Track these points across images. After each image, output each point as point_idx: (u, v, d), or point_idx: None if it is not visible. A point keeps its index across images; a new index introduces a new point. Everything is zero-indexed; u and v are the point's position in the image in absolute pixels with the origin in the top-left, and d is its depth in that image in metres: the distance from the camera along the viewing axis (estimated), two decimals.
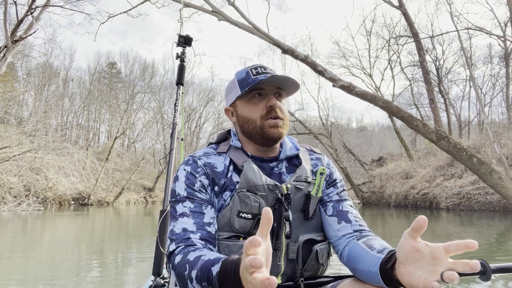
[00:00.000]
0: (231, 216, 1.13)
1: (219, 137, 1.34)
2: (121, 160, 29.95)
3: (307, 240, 1.19)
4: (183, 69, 2.82)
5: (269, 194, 1.15)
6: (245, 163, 1.19)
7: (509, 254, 6.29)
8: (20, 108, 27.72)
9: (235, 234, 1.13)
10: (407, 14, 13.79)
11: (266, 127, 1.18)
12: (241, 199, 1.13)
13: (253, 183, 1.15)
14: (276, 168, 1.25)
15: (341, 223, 1.20)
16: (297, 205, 1.19)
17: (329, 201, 1.25)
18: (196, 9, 13.85)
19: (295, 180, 1.20)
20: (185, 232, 1.08)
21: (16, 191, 17.86)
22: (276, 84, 1.21)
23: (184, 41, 2.86)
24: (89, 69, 41.15)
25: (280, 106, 1.20)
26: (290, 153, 1.27)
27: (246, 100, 1.22)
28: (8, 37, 16.09)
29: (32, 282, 4.23)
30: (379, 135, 54.55)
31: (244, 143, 1.26)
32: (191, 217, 1.10)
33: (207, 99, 43.37)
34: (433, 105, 13.20)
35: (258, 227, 1.01)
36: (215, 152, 1.25)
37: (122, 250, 6.93)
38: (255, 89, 1.20)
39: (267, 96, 1.20)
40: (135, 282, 4.26)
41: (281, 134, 1.20)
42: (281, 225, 1.15)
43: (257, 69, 1.22)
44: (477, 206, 15.96)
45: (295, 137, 1.38)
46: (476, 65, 28.87)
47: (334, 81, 13.01)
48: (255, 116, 1.20)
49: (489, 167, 12.12)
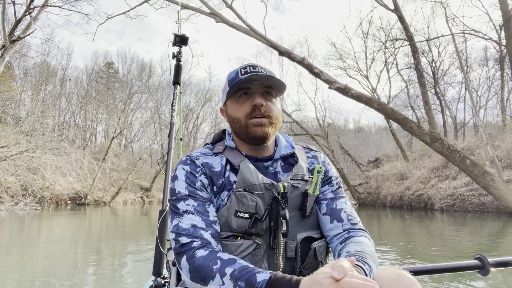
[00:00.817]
0: (228, 215, 1.13)
1: (215, 138, 1.34)
2: (118, 160, 29.99)
3: (305, 238, 1.19)
4: (179, 69, 2.81)
5: (265, 193, 1.15)
6: (241, 162, 1.19)
7: (503, 252, 6.41)
8: (17, 108, 27.70)
9: (232, 234, 1.13)
10: (402, 18, 13.96)
11: (250, 125, 1.19)
12: (238, 198, 1.13)
13: (250, 182, 1.15)
14: (271, 167, 1.25)
15: (333, 222, 1.20)
16: (294, 203, 1.19)
17: (323, 199, 1.25)
18: (194, 11, 13.96)
19: (291, 179, 1.20)
20: (195, 228, 1.07)
21: (13, 191, 17.90)
22: (262, 82, 1.20)
23: (180, 41, 2.84)
24: (87, 69, 41.15)
25: (267, 104, 1.20)
26: (285, 152, 1.27)
27: (235, 99, 1.23)
28: (6, 37, 16.14)
29: (29, 281, 4.26)
30: (376, 136, 54.60)
31: (237, 143, 1.27)
32: (197, 215, 1.09)
33: (205, 100, 43.50)
34: (427, 108, 13.37)
35: (255, 226, 1.12)
36: (211, 153, 1.25)
37: (120, 250, 6.94)
38: (242, 88, 1.21)
39: (253, 95, 1.20)
40: (134, 282, 4.26)
41: (265, 133, 1.19)
42: (278, 223, 1.14)
43: (246, 68, 1.22)
44: (470, 207, 16.10)
45: (292, 138, 1.36)
46: (472, 68, 29.10)
47: (330, 83, 13.16)
48: (240, 115, 1.21)
49: (482, 169, 12.28)
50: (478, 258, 1.26)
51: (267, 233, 1.14)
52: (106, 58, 43.86)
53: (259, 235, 1.13)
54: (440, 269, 1.33)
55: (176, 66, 2.80)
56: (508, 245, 7.16)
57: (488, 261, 1.18)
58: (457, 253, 6.09)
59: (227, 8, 13.75)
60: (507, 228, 10.25)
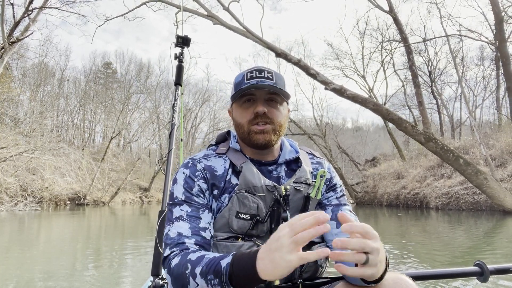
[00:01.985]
0: (229, 217, 1.13)
1: (218, 138, 1.34)
2: (117, 160, 30.08)
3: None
4: (181, 70, 2.80)
5: (267, 195, 1.15)
6: (244, 164, 1.19)
7: (495, 251, 6.55)
8: (16, 109, 27.80)
9: (233, 235, 1.14)
10: (397, 19, 14.16)
11: (252, 132, 1.19)
12: (240, 200, 1.14)
13: (252, 184, 1.15)
14: (274, 171, 1.25)
15: (339, 227, 1.18)
16: (296, 206, 1.19)
17: (328, 205, 1.25)
18: (191, 13, 14.12)
19: (294, 182, 1.20)
20: (180, 236, 1.08)
21: (13, 191, 18.03)
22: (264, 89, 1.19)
23: (183, 42, 2.84)
24: (85, 69, 41.26)
25: (271, 111, 1.19)
26: (289, 157, 1.27)
27: (239, 104, 1.23)
28: (5, 38, 16.25)
29: (28, 281, 4.31)
30: (374, 135, 54.66)
31: (242, 146, 1.27)
32: (187, 221, 1.10)
33: (203, 100, 43.59)
34: (422, 108, 13.58)
35: (256, 227, 1.13)
36: (214, 154, 1.25)
37: (118, 250, 6.99)
38: (246, 94, 1.20)
39: (256, 102, 1.19)
40: (132, 283, 4.26)
41: (267, 140, 1.19)
42: (279, 226, 1.19)
43: (252, 73, 1.21)
44: (465, 205, 16.30)
45: (290, 138, 1.36)
46: (468, 67, 29.26)
47: (326, 84, 13.34)
48: (243, 121, 1.20)
49: (475, 167, 12.49)
50: (478, 264, 1.25)
51: (268, 235, 1.12)
52: (104, 59, 43.97)
53: (260, 237, 1.14)
54: (440, 275, 1.33)
55: (178, 67, 2.79)
56: (503, 246, 7.25)
57: (487, 268, 1.18)
58: (457, 255, 6.12)
59: (224, 10, 13.92)
60: (499, 227, 10.43)
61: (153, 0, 13.85)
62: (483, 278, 1.15)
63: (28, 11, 17.34)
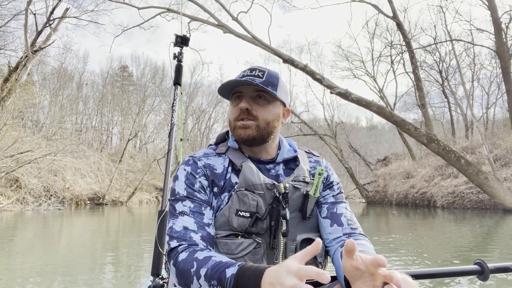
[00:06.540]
0: (229, 214, 1.14)
1: (218, 138, 1.35)
2: (134, 161, 30.87)
3: (305, 240, 1.19)
4: (180, 69, 2.79)
5: (267, 193, 1.16)
6: (244, 162, 1.20)
7: (495, 246, 6.89)
8: (37, 113, 28.84)
9: (233, 233, 1.14)
10: (400, 24, 14.56)
11: (236, 128, 1.21)
12: (240, 198, 1.14)
13: (251, 182, 1.16)
14: (273, 170, 1.25)
15: (333, 225, 1.20)
16: (295, 204, 1.20)
17: (324, 203, 1.26)
18: (203, 22, 14.83)
19: (293, 180, 1.21)
20: (186, 230, 1.08)
21: (37, 192, 18.98)
22: (252, 86, 1.20)
23: (182, 41, 2.82)
24: (102, 73, 42.49)
25: (255, 108, 1.20)
26: (288, 156, 1.28)
27: (231, 102, 1.26)
28: (29, 47, 17.22)
29: (27, 279, 4.43)
30: (389, 134, 54.02)
31: (240, 144, 1.27)
32: (191, 216, 1.11)
33: (216, 101, 44.33)
34: (424, 110, 13.99)
35: (255, 225, 1.14)
36: (214, 153, 1.25)
37: (136, 244, 7.50)
38: (235, 92, 1.23)
39: (243, 99, 1.20)
40: (133, 282, 4.33)
41: (248, 135, 1.19)
42: (279, 223, 1.15)
43: (245, 71, 1.23)
44: (469, 204, 16.60)
45: (301, 138, 1.44)
46: (482, 65, 28.93)
47: (331, 88, 13.87)
48: (231, 117, 1.23)
49: (476, 168, 12.87)
50: (478, 263, 1.23)
51: (267, 233, 1.15)
52: (120, 62, 45.13)
53: (259, 235, 1.15)
54: (440, 274, 1.31)
55: (177, 66, 2.78)
56: (503, 244, 7.47)
57: (487, 267, 1.17)
58: (457, 254, 6.22)
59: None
60: (499, 225, 10.71)
61: (166, 11, 14.60)
62: (483, 277, 1.15)
63: (49, 21, 18.32)
